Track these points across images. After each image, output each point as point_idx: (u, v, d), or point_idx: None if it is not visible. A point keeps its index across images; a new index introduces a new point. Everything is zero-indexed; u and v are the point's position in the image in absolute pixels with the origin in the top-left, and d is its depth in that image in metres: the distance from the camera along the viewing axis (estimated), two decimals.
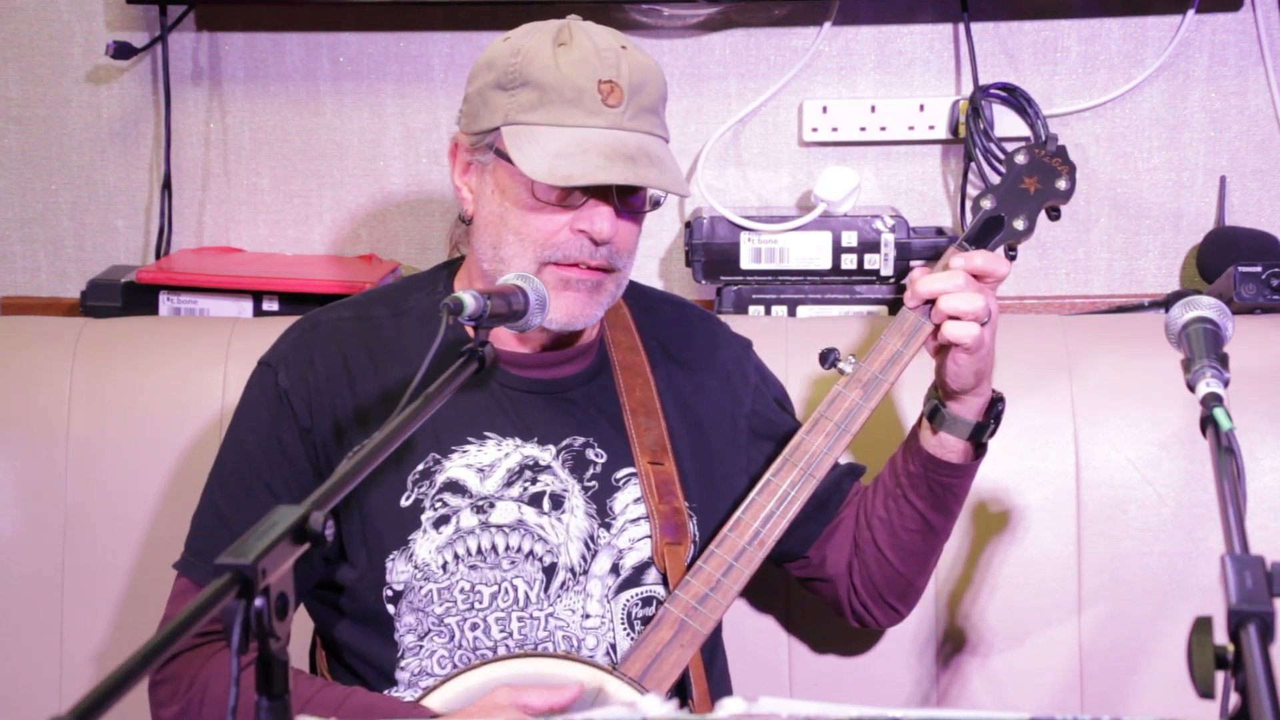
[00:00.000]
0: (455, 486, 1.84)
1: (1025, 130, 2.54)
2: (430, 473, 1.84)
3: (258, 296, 2.49)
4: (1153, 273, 2.63)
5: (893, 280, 2.48)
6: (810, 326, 2.37)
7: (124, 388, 2.30)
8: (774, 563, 1.99)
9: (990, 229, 1.92)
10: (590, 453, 1.89)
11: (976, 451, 1.93)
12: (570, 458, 1.88)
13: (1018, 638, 2.20)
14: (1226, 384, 1.51)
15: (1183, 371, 1.55)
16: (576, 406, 1.91)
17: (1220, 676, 1.14)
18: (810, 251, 2.48)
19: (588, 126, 1.76)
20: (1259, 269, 2.33)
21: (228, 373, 2.27)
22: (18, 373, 2.32)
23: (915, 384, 1.99)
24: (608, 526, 1.87)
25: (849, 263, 2.48)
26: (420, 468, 1.84)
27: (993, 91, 2.54)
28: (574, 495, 1.87)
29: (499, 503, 1.84)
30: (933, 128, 2.59)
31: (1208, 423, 1.45)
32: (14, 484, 2.27)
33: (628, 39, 1.84)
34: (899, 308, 1.90)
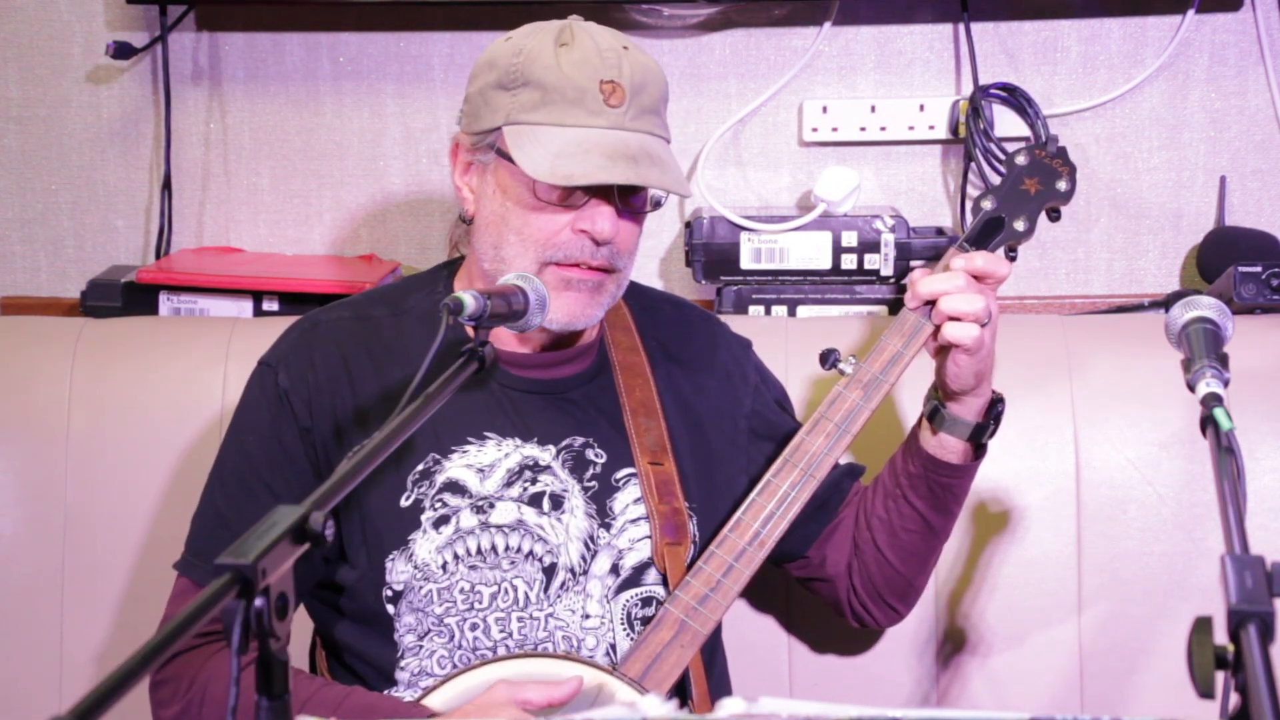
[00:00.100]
0: (455, 486, 1.84)
1: (1025, 130, 2.54)
2: (430, 473, 1.84)
3: (258, 296, 2.49)
4: (1153, 273, 2.63)
5: (893, 280, 2.48)
6: (810, 326, 2.37)
7: (124, 388, 2.29)
8: (774, 563, 1.99)
9: (991, 230, 1.92)
10: (590, 453, 1.89)
11: (976, 452, 1.93)
12: (570, 458, 1.88)
13: (1018, 638, 2.20)
14: (1226, 384, 1.51)
15: (1183, 371, 1.55)
16: (576, 407, 1.91)
17: (1220, 676, 1.14)
18: (810, 251, 2.48)
19: (589, 126, 1.76)
20: (1259, 269, 2.33)
21: (228, 373, 2.27)
22: (18, 373, 2.32)
23: (915, 384, 1.99)
24: (607, 527, 1.87)
25: (849, 263, 2.48)
26: (420, 468, 1.84)
27: (993, 91, 2.54)
28: (574, 495, 1.87)
29: (499, 503, 1.84)
30: (933, 128, 2.59)
31: (1208, 423, 1.45)
32: (14, 484, 2.27)
33: (629, 39, 1.84)
34: (899, 308, 1.90)
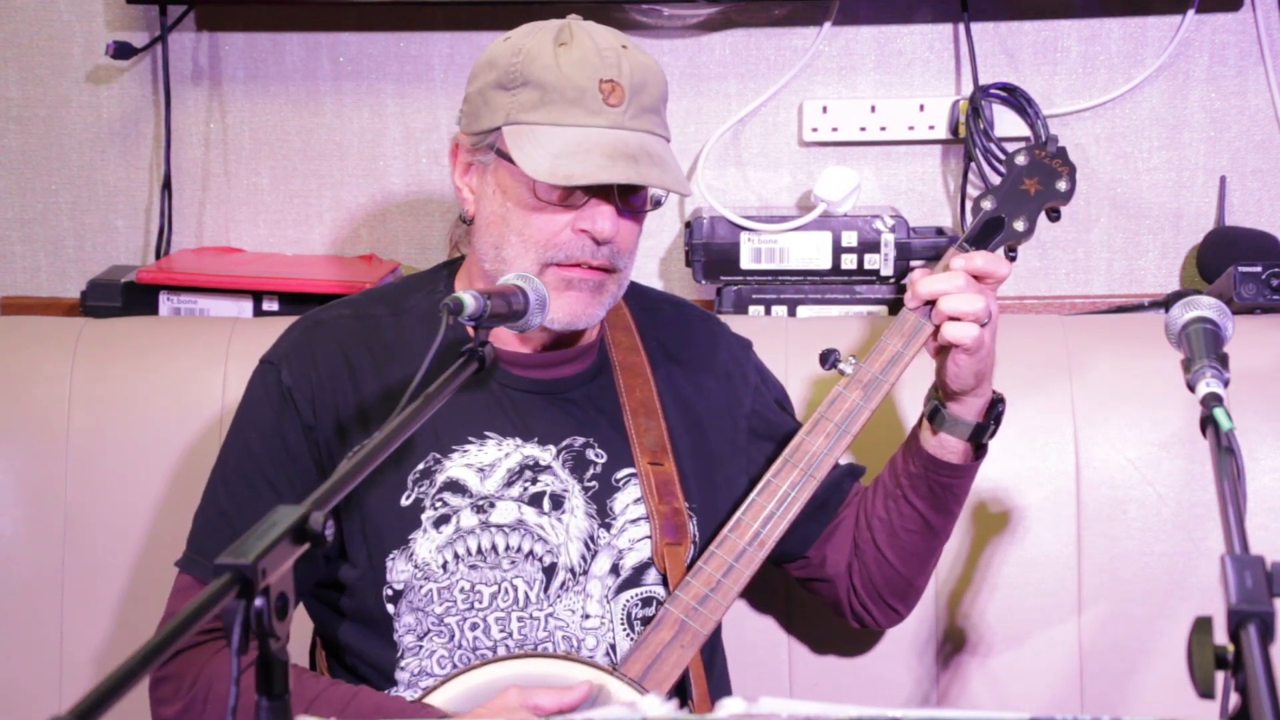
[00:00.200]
0: (455, 486, 1.84)
1: (1025, 130, 2.54)
2: (430, 472, 1.84)
3: (258, 296, 2.49)
4: (1153, 273, 2.62)
5: (893, 280, 2.48)
6: (810, 326, 2.37)
7: (124, 388, 2.29)
8: (774, 563, 1.99)
9: (990, 230, 1.92)
10: (590, 453, 1.89)
11: (976, 452, 1.93)
12: (570, 458, 1.88)
13: (1018, 638, 2.20)
14: (1226, 384, 1.51)
15: (1183, 371, 1.55)
16: (577, 407, 1.91)
17: (1220, 676, 1.14)
18: (810, 251, 2.48)
19: (589, 126, 1.76)
20: (1259, 269, 2.33)
21: (228, 373, 2.26)
22: (18, 373, 2.32)
23: (916, 385, 1.99)
24: (608, 527, 1.87)
25: (849, 263, 2.48)
26: (420, 467, 1.84)
27: (993, 91, 2.54)
28: (574, 495, 1.87)
29: (499, 502, 1.84)
30: (933, 128, 2.59)
31: (1208, 423, 1.45)
32: (14, 484, 2.27)
33: (628, 38, 1.84)
34: (899, 308, 1.90)
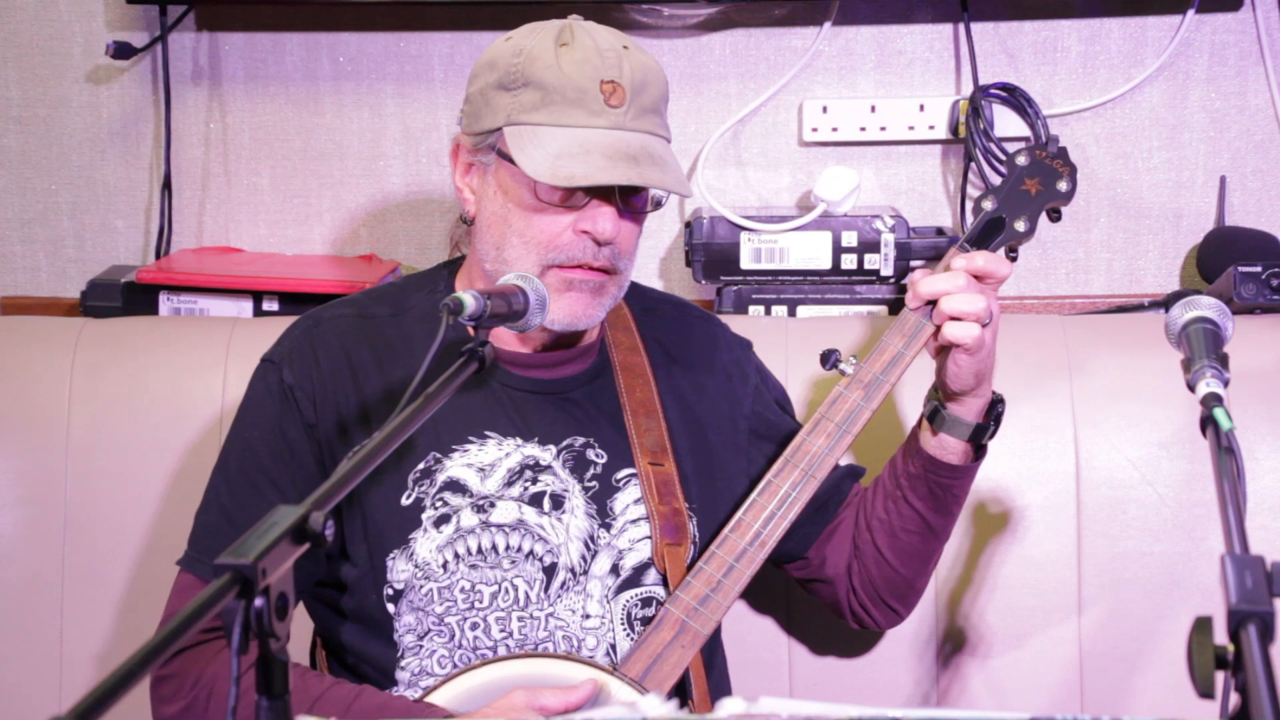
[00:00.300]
0: (456, 486, 1.84)
1: (1025, 130, 2.54)
2: (431, 472, 1.84)
3: (258, 296, 2.49)
4: (1153, 273, 2.63)
5: (893, 280, 2.48)
6: (810, 326, 2.37)
7: (124, 388, 2.29)
8: (773, 564, 1.99)
9: (991, 230, 1.92)
10: (591, 453, 1.89)
11: (976, 453, 1.93)
12: (571, 458, 1.88)
13: (1018, 638, 2.20)
14: (1226, 384, 1.51)
15: (1183, 371, 1.55)
16: (577, 407, 1.91)
17: (1220, 676, 1.14)
18: (810, 251, 2.48)
19: (590, 127, 1.76)
20: (1259, 269, 2.33)
21: (228, 373, 2.27)
22: (18, 373, 2.32)
23: (916, 385, 1.99)
24: (608, 527, 1.87)
25: (849, 263, 2.48)
26: (421, 466, 1.84)
27: (993, 91, 2.54)
28: (574, 495, 1.87)
29: (499, 502, 1.84)
30: (933, 128, 2.59)
31: (1208, 423, 1.45)
32: (14, 484, 2.27)
33: (629, 39, 1.84)
34: (899, 308, 1.90)
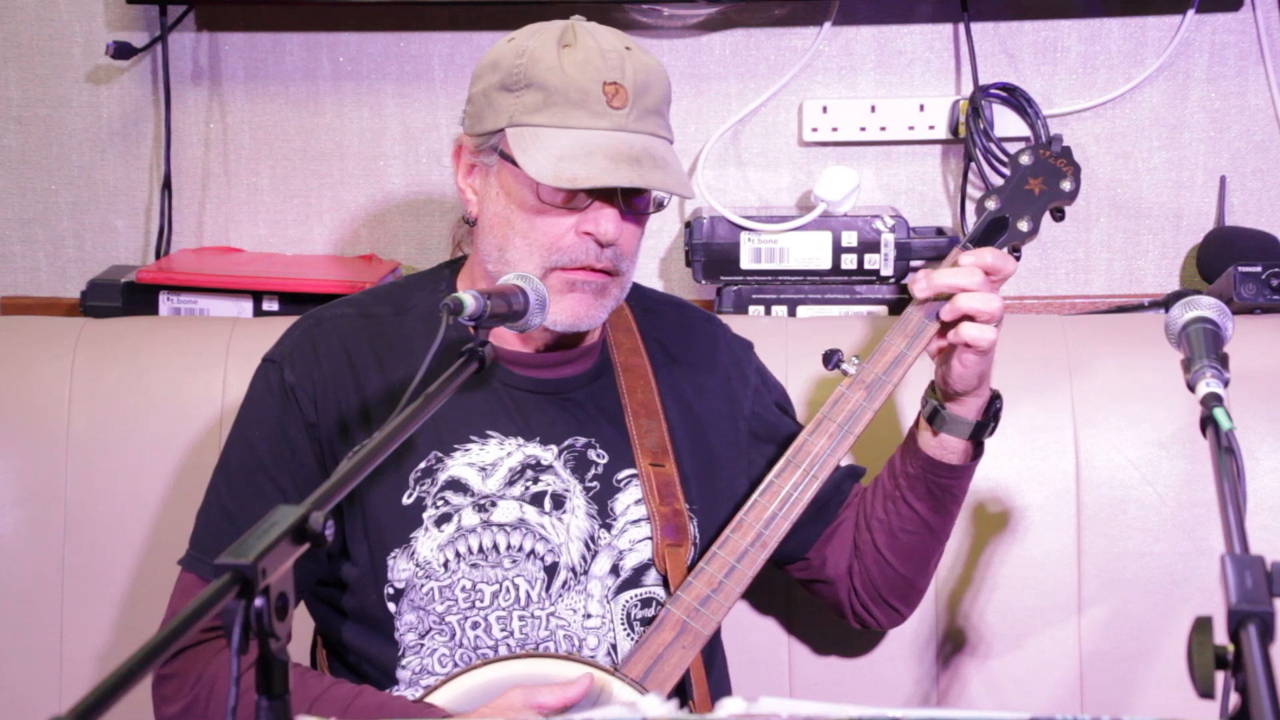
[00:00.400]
0: (457, 485, 1.84)
1: (1025, 130, 2.54)
2: (432, 471, 1.84)
3: (258, 296, 2.49)
4: (1153, 273, 2.63)
5: (893, 280, 2.48)
6: (810, 327, 2.37)
7: (124, 388, 2.29)
8: (774, 564, 1.99)
9: (994, 230, 1.91)
10: (592, 453, 1.89)
11: (975, 451, 1.93)
12: (572, 458, 1.88)
13: (1018, 638, 2.20)
14: (1226, 384, 1.51)
15: (1183, 371, 1.55)
16: (578, 407, 1.91)
17: (1220, 676, 1.14)
18: (810, 251, 2.48)
19: (592, 128, 1.76)
20: (1259, 269, 2.33)
21: (228, 373, 2.27)
22: (18, 373, 2.32)
23: (916, 385, 1.99)
24: (608, 527, 1.87)
25: (849, 263, 2.47)
26: (422, 466, 1.84)
27: (993, 91, 2.54)
28: (575, 495, 1.87)
29: (500, 502, 1.84)
30: (933, 128, 2.59)
31: (1208, 423, 1.45)
32: (14, 484, 2.27)
33: (632, 40, 1.84)
34: (899, 308, 1.90)
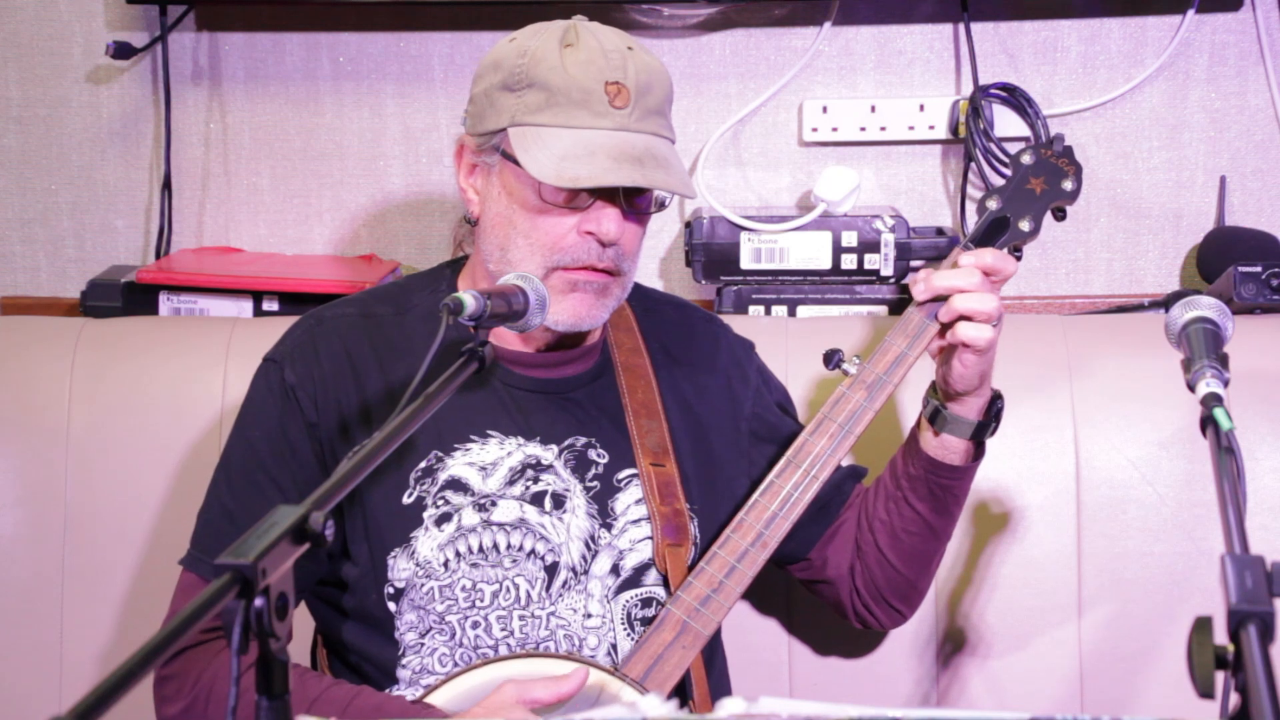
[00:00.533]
0: (457, 484, 1.84)
1: (1025, 130, 2.54)
2: (432, 470, 1.84)
3: (258, 296, 2.49)
4: (1153, 273, 2.63)
5: (893, 280, 2.48)
6: (810, 326, 2.37)
7: (124, 388, 2.29)
8: (775, 565, 1.99)
9: (996, 230, 1.91)
10: (592, 453, 1.89)
11: (976, 451, 1.93)
12: (572, 458, 1.88)
13: (1018, 638, 2.20)
14: (1226, 384, 1.51)
15: (1183, 371, 1.55)
16: (579, 407, 1.91)
17: (1220, 676, 1.14)
18: (810, 251, 2.48)
19: (594, 128, 1.76)
20: (1259, 269, 2.33)
21: (228, 373, 2.27)
22: (18, 373, 2.32)
23: (917, 385, 1.99)
24: (609, 527, 1.87)
25: (849, 263, 2.47)
26: (422, 465, 1.84)
27: (993, 91, 2.54)
28: (575, 495, 1.87)
29: (501, 501, 1.84)
30: (933, 128, 2.59)
31: (1208, 423, 1.45)
32: (14, 484, 2.27)
33: (634, 40, 1.84)
34: (899, 308, 1.90)
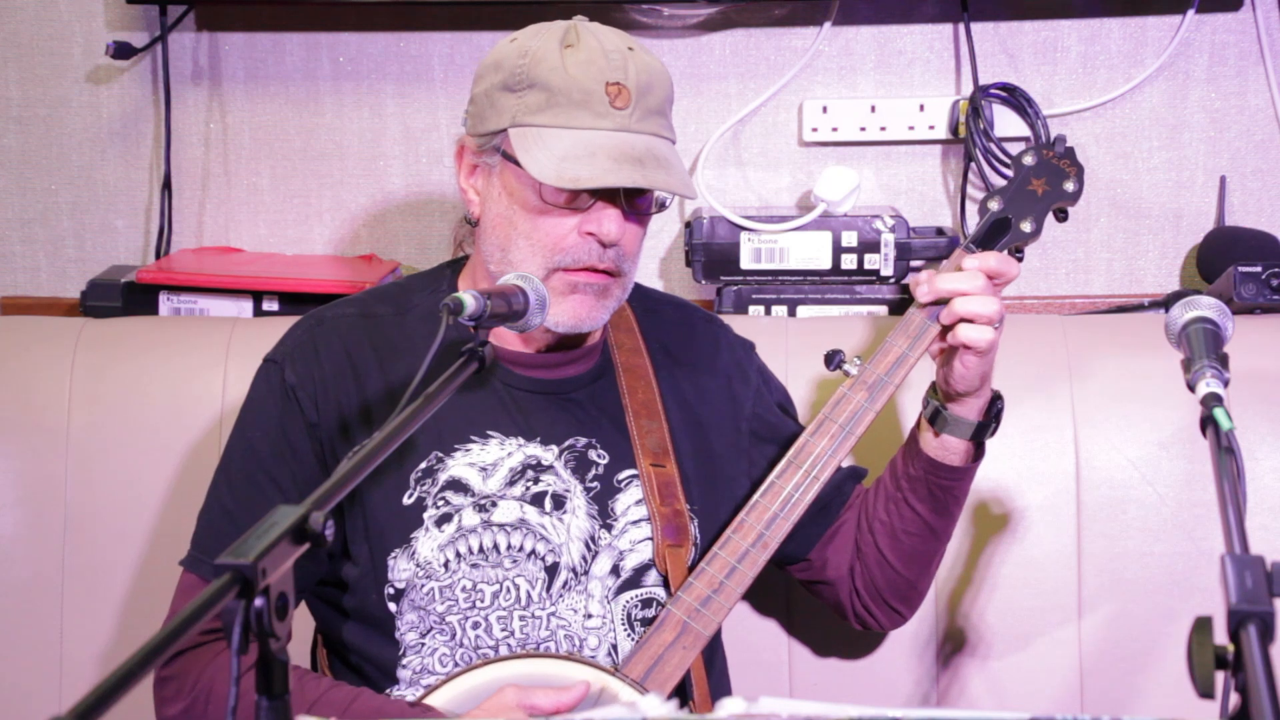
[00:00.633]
0: (458, 485, 1.84)
1: (1025, 130, 2.54)
2: (433, 471, 1.84)
3: (258, 296, 2.49)
4: (1153, 273, 2.63)
5: (893, 280, 2.48)
6: (810, 326, 2.37)
7: (124, 388, 2.29)
8: (775, 565, 1.99)
9: (997, 231, 1.91)
10: (592, 454, 1.89)
11: (977, 453, 1.93)
12: (572, 458, 1.88)
13: (1018, 638, 2.20)
14: (1226, 384, 1.51)
15: (1183, 371, 1.55)
16: (579, 407, 1.91)
17: (1220, 676, 1.14)
18: (810, 251, 2.48)
19: (595, 129, 1.76)
20: (1259, 269, 2.33)
21: (228, 373, 2.27)
22: (18, 373, 2.32)
23: (917, 385, 1.99)
24: (609, 528, 1.87)
25: (849, 263, 2.47)
26: (423, 466, 1.84)
27: (993, 91, 2.54)
28: (576, 496, 1.87)
29: (501, 502, 1.84)
30: (933, 128, 2.59)
31: (1208, 423, 1.45)
32: (14, 484, 2.27)
33: (635, 40, 1.84)
34: (899, 308, 1.90)
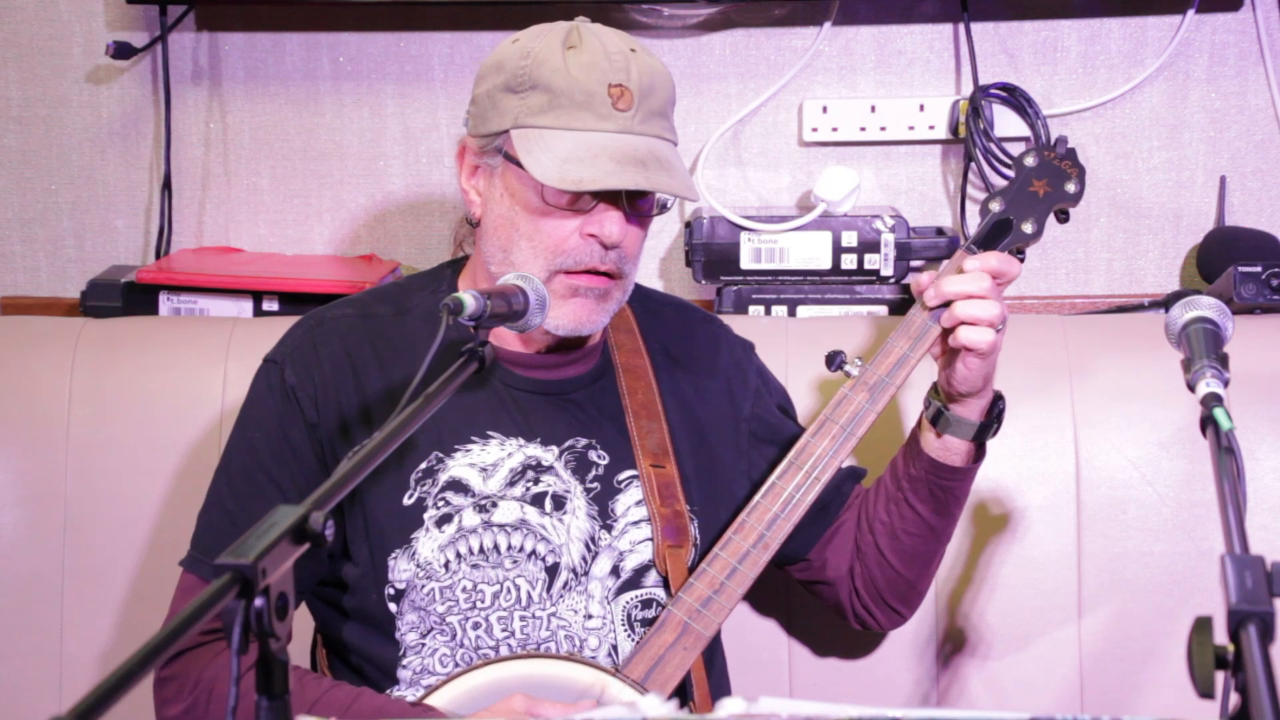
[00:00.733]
0: (458, 485, 1.84)
1: (1025, 130, 2.54)
2: (433, 471, 1.84)
3: (258, 296, 2.49)
4: (1153, 273, 2.63)
5: (893, 280, 2.48)
6: (810, 327, 2.37)
7: (124, 388, 2.29)
8: (775, 565, 1.99)
9: (999, 232, 1.91)
10: (593, 454, 1.89)
11: (978, 453, 1.93)
12: (573, 459, 1.88)
13: (1018, 638, 2.20)
14: (1226, 384, 1.51)
15: (1183, 371, 1.55)
16: (579, 408, 1.91)
17: (1220, 676, 1.14)
18: (810, 251, 2.48)
19: (597, 130, 1.76)
20: (1259, 269, 2.33)
21: (228, 373, 2.27)
22: (18, 373, 2.32)
23: (917, 386, 1.99)
24: (609, 528, 1.87)
25: (849, 263, 2.47)
26: (423, 466, 1.84)
27: (993, 91, 2.54)
28: (576, 496, 1.87)
29: (501, 502, 1.84)
30: (933, 128, 2.59)
31: (1208, 423, 1.45)
32: (14, 484, 2.27)
33: (637, 41, 1.84)
34: (900, 308, 1.90)
